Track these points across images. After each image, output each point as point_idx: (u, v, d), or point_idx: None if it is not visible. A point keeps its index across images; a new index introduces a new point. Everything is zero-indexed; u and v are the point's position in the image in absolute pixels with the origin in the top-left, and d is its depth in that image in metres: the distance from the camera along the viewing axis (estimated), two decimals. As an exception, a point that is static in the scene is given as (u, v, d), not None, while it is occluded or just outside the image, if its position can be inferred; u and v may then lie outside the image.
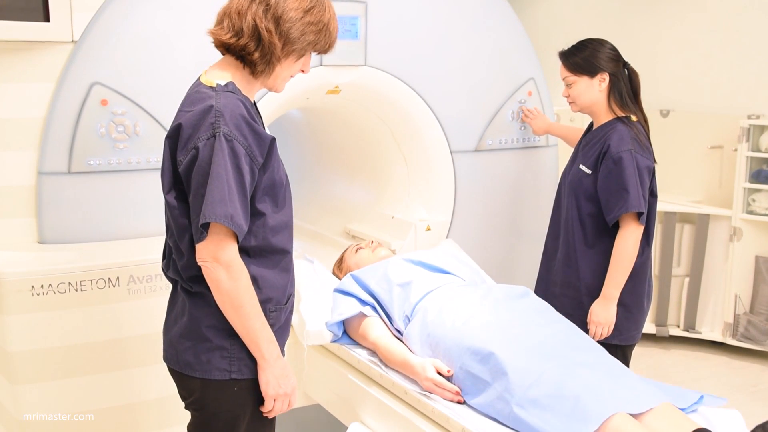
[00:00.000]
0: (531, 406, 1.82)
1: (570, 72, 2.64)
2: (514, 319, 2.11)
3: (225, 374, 1.71)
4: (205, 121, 1.61)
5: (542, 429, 1.77)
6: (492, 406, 1.90)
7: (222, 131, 1.60)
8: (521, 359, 1.92)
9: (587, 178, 2.60)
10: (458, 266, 2.56)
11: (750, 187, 3.88)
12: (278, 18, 1.67)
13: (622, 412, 1.74)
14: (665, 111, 4.29)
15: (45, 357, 2.33)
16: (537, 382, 1.85)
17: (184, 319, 1.73)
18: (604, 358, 2.00)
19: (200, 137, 1.61)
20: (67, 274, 2.31)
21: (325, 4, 1.74)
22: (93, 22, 2.50)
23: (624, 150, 2.50)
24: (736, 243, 3.96)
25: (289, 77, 1.79)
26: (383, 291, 2.38)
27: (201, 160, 1.60)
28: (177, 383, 1.83)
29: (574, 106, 2.69)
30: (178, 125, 1.66)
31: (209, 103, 1.63)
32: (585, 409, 1.75)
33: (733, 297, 4.01)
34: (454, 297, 2.27)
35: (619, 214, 2.49)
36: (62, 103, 2.47)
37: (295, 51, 1.71)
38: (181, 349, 1.73)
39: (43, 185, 2.48)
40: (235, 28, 1.68)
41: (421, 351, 2.17)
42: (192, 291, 1.72)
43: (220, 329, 1.70)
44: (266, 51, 1.68)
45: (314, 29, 1.71)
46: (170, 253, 1.78)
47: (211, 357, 1.70)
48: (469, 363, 1.99)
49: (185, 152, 1.63)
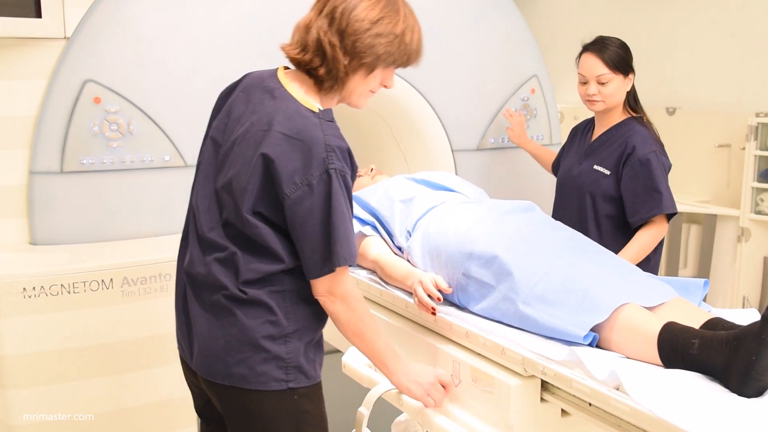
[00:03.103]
0: (537, 302, 1.74)
1: (609, 69, 2.51)
2: (520, 227, 2.03)
3: (282, 384, 1.64)
4: (317, 155, 1.56)
5: (549, 323, 1.70)
6: (497, 308, 1.83)
7: (336, 168, 1.56)
8: (526, 258, 1.84)
9: (606, 179, 2.54)
10: (462, 184, 2.49)
11: (758, 186, 3.83)
12: (343, 31, 1.60)
13: (634, 302, 1.68)
14: (671, 109, 4.24)
15: (37, 361, 2.30)
16: (543, 278, 1.77)
17: (233, 330, 1.63)
18: (613, 258, 1.94)
19: (313, 174, 1.56)
20: (59, 276, 2.29)
21: (399, 15, 1.65)
22: (86, 18, 2.49)
23: (650, 151, 2.47)
24: (744, 244, 3.90)
25: (369, 92, 1.71)
26: (384, 207, 2.32)
27: (317, 197, 1.56)
28: (221, 398, 1.71)
29: (600, 105, 2.56)
30: (280, 148, 1.57)
31: (317, 134, 1.57)
32: (594, 299, 1.68)
33: (741, 299, 3.96)
34: (457, 210, 2.19)
35: (652, 215, 2.45)
36: (54, 101, 2.45)
37: (365, 65, 1.64)
38: (232, 363, 1.64)
39: (34, 185, 2.46)
40: (301, 43, 1.63)
41: (422, 264, 2.10)
42: (244, 299, 1.62)
43: (278, 338, 1.64)
44: (331, 66, 1.62)
45: (384, 41, 1.63)
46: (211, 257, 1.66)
47: (267, 368, 1.63)
48: (472, 268, 1.91)
49: (294, 186, 1.56)
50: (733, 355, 1.45)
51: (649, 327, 1.60)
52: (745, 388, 1.44)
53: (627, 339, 1.63)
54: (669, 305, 1.74)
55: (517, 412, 1.67)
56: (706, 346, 1.50)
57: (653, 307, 1.72)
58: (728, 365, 1.46)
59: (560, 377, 1.59)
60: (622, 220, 2.54)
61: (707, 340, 1.50)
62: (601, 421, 1.54)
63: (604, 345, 1.68)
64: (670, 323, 1.59)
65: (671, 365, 1.55)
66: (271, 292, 1.63)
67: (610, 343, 1.66)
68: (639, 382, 1.46)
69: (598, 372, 1.53)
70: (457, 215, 2.15)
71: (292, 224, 1.59)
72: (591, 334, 1.66)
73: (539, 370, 1.64)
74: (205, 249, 1.67)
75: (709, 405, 1.39)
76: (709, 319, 1.67)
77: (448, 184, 2.44)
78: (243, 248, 1.62)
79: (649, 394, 1.41)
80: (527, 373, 1.68)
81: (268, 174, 1.58)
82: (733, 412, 1.38)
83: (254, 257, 1.61)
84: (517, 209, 2.16)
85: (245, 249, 1.62)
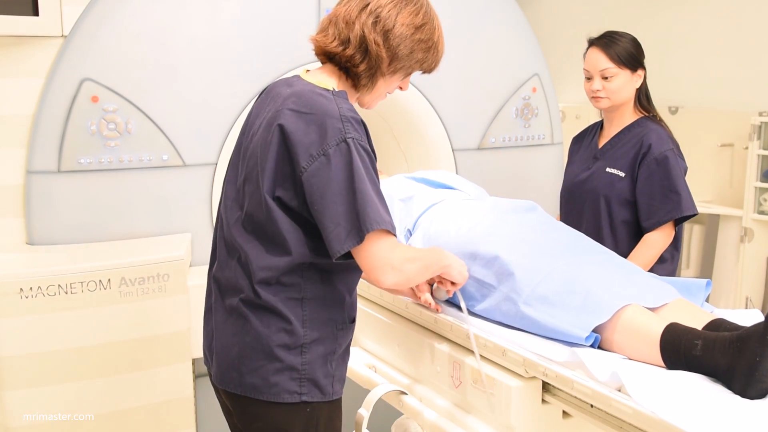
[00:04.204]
0: (539, 303, 1.73)
1: (614, 63, 2.42)
2: (522, 227, 2.01)
3: (295, 397, 1.60)
4: (332, 125, 1.53)
5: (551, 324, 1.68)
6: (498, 309, 1.82)
7: (354, 137, 1.54)
8: (528, 259, 1.83)
9: (621, 181, 2.42)
10: (462, 182, 2.46)
11: (761, 186, 3.81)
12: (387, 32, 1.61)
13: (636, 303, 1.66)
14: (674, 108, 4.22)
15: (34, 362, 2.28)
16: (545, 279, 1.76)
17: (247, 338, 1.60)
18: (616, 258, 1.92)
19: (329, 143, 1.53)
20: (56, 276, 2.27)
21: (435, 23, 1.69)
22: (83, 16, 2.47)
23: (667, 149, 2.38)
24: (747, 244, 3.89)
25: (386, 94, 1.73)
26: None
27: (335, 168, 1.52)
28: (236, 409, 1.68)
29: (605, 102, 2.46)
30: (294, 124, 1.55)
31: (331, 107, 1.56)
32: (597, 300, 1.66)
33: (744, 299, 3.95)
34: (458, 208, 2.17)
35: (670, 218, 2.34)
36: (52, 100, 2.44)
37: (403, 68, 1.66)
38: (246, 371, 1.61)
39: (31, 184, 2.45)
40: (341, 37, 1.62)
41: None
42: (259, 304, 1.59)
43: (293, 347, 1.60)
44: (372, 64, 1.63)
45: (423, 47, 1.66)
46: (234, 260, 1.64)
47: (279, 379, 1.59)
48: (473, 268, 1.89)
49: (310, 158, 1.53)
50: (737, 356, 1.44)
51: (651, 328, 1.58)
52: (748, 389, 1.42)
53: (629, 340, 1.62)
54: (671, 306, 1.73)
55: (518, 414, 1.66)
56: (709, 348, 1.48)
57: (655, 308, 1.71)
58: (732, 367, 1.44)
59: (561, 378, 1.57)
60: (639, 226, 2.42)
61: (710, 342, 1.49)
62: (602, 422, 1.53)
63: (606, 346, 1.66)
64: (672, 324, 1.57)
65: (674, 366, 1.54)
66: (288, 299, 1.59)
67: (612, 344, 1.65)
68: (641, 383, 1.44)
69: (600, 373, 1.52)
70: (459, 214, 2.13)
71: (311, 199, 1.54)
72: (593, 335, 1.65)
73: (540, 371, 1.62)
74: (230, 251, 1.66)
75: (712, 407, 1.38)
76: (711, 320, 1.66)
77: (448, 182, 2.42)
78: (258, 242, 1.59)
79: (651, 396, 1.40)
80: (528, 374, 1.67)
81: (284, 148, 1.55)
82: (737, 414, 1.37)
83: (266, 251, 1.58)
84: (519, 209, 2.15)
85: (260, 243, 1.59)
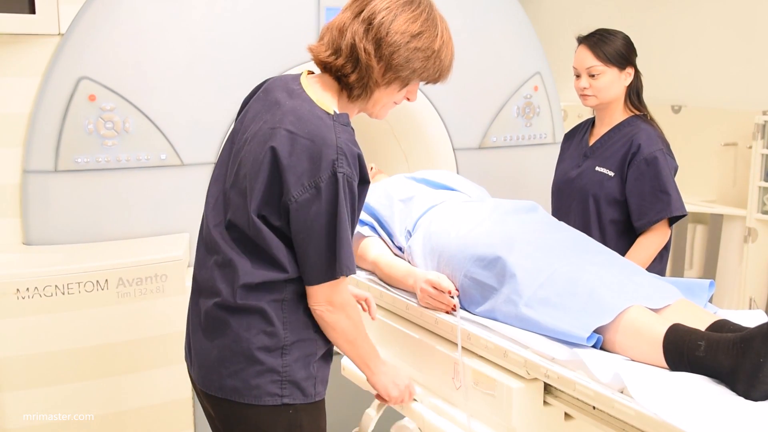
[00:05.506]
0: (540, 305, 1.71)
1: (600, 61, 2.43)
2: (523, 228, 1.99)
3: (277, 399, 1.59)
4: (326, 156, 1.51)
5: (552, 325, 1.67)
6: (499, 311, 1.80)
7: (344, 173, 1.51)
8: (530, 260, 1.81)
9: (610, 180, 2.43)
10: (463, 183, 2.45)
11: (765, 185, 3.80)
12: (380, 40, 1.55)
13: (639, 304, 1.65)
14: (677, 107, 4.21)
15: (31, 363, 2.27)
16: (547, 281, 1.74)
17: (226, 341, 1.59)
18: (618, 259, 1.91)
19: (321, 176, 1.51)
20: (53, 277, 2.27)
21: (437, 30, 1.61)
22: (81, 14, 2.47)
23: (657, 149, 2.38)
24: (751, 244, 3.87)
25: (393, 104, 1.67)
26: (383, 207, 2.28)
27: (324, 202, 1.51)
28: (217, 412, 1.66)
29: (592, 100, 2.48)
30: (289, 149, 1.52)
31: (329, 136, 1.53)
32: (599, 302, 1.65)
33: (748, 300, 3.93)
34: (459, 209, 2.16)
35: (660, 218, 2.36)
36: (48, 99, 2.43)
37: (399, 79, 1.60)
38: (226, 374, 1.59)
39: (28, 184, 2.44)
40: (334, 46, 1.58)
41: (423, 264, 2.07)
42: (239, 306, 1.57)
43: (273, 350, 1.59)
44: (363, 74, 1.57)
45: (421, 56, 1.59)
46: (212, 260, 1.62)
47: (260, 381, 1.58)
48: (474, 270, 1.88)
49: (302, 189, 1.51)
50: (741, 357, 1.42)
51: (654, 329, 1.57)
52: (752, 391, 1.41)
53: (632, 341, 1.60)
54: (674, 307, 1.71)
55: (520, 416, 1.65)
56: (712, 349, 1.47)
57: (658, 308, 1.69)
58: (735, 368, 1.43)
59: (563, 380, 1.56)
60: (626, 225, 2.45)
61: (714, 343, 1.47)
62: (605, 424, 1.51)
63: (608, 347, 1.65)
64: (675, 325, 1.56)
65: (677, 368, 1.52)
66: (269, 301, 1.58)
67: (615, 345, 1.63)
68: (644, 384, 1.43)
69: (602, 375, 1.51)
70: (459, 215, 2.11)
71: (297, 228, 1.54)
72: (594, 336, 1.63)
73: (542, 372, 1.61)
74: (209, 250, 1.64)
75: (715, 408, 1.36)
76: (715, 320, 1.65)
77: (449, 183, 2.40)
78: (244, 253, 1.58)
79: (653, 397, 1.39)
80: (530, 375, 1.65)
81: (275, 172, 1.53)
82: (740, 415, 1.35)
83: (255, 263, 1.57)
84: (520, 209, 2.13)
85: (246, 254, 1.57)
